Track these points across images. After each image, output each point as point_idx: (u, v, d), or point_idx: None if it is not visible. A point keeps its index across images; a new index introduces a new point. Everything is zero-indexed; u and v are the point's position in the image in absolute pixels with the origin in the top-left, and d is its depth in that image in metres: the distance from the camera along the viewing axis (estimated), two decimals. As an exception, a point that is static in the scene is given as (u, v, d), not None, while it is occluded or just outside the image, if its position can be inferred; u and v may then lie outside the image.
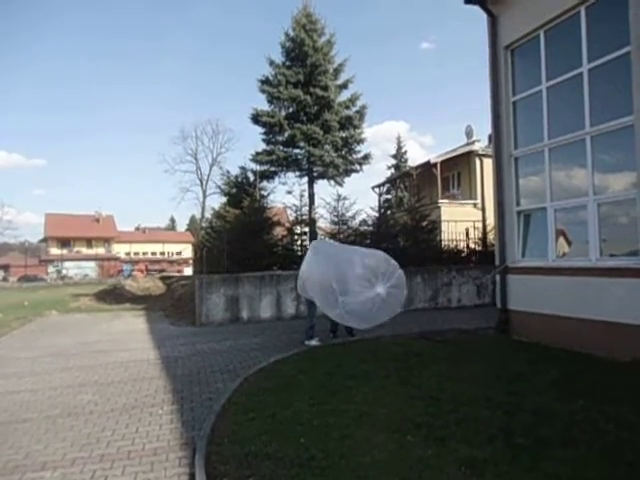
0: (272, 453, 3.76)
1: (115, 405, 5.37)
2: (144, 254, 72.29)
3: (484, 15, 9.21)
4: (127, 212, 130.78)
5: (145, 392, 5.84)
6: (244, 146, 66.63)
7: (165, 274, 40.77)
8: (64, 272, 58.06)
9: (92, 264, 61.17)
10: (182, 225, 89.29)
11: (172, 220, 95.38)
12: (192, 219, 74.06)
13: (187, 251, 61.09)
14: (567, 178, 8.25)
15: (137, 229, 79.96)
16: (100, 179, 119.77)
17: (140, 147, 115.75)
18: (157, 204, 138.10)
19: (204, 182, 53.33)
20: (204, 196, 52.73)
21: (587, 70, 7.36)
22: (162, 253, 73.74)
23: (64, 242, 64.73)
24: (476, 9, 9.22)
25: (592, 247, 7.32)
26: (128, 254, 70.30)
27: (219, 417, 4.62)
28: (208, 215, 23.32)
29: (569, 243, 8.27)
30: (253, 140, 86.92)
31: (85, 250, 66.50)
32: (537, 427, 4.08)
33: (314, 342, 8.48)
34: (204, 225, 27.93)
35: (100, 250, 67.23)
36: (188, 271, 46.73)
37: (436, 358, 6.99)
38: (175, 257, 70.41)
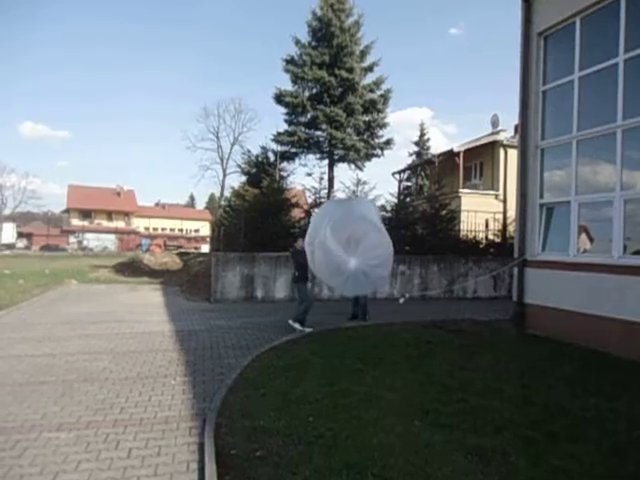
0: (280, 429, 3.82)
1: (130, 373, 5.50)
2: (163, 230, 73.16)
3: (518, 1, 8.93)
4: (148, 187, 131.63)
5: (159, 363, 5.96)
6: (265, 126, 66.64)
7: (182, 250, 41.21)
8: (85, 243, 59.17)
9: (112, 237, 62.18)
10: (201, 203, 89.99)
11: (191, 197, 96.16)
12: (211, 197, 74.54)
13: (205, 229, 61.55)
14: (594, 172, 8.04)
15: (157, 205, 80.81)
16: (122, 153, 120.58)
17: (164, 116, 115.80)
18: (178, 181, 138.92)
19: (224, 161, 53.49)
20: (224, 175, 52.95)
21: (623, 60, 7.10)
22: (180, 229, 74.48)
23: (85, 214, 65.87)
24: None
25: (615, 244, 7.15)
26: (147, 229, 71.23)
27: (230, 391, 4.70)
28: (227, 194, 23.45)
29: (591, 240, 8.10)
30: (274, 120, 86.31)
31: (105, 223, 67.55)
32: (547, 421, 4.05)
33: (301, 328, 8.01)
34: (223, 204, 28.10)
35: (120, 223, 68.21)
36: (205, 248, 47.09)
37: (448, 347, 6.98)
38: (193, 234, 71.11)
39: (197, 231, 70.56)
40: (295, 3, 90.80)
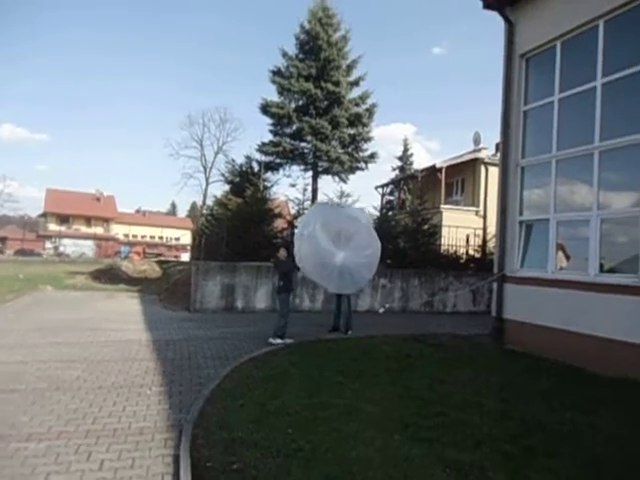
0: (258, 441, 3.75)
1: (104, 383, 5.35)
2: (142, 237, 72.14)
3: (500, 23, 9.16)
4: (128, 194, 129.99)
5: (135, 372, 5.83)
6: (250, 136, 66.29)
7: (162, 258, 40.72)
8: (61, 249, 57.91)
9: (90, 243, 61.01)
10: (183, 211, 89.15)
11: (173, 205, 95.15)
12: (193, 206, 73.93)
13: (186, 237, 61.01)
14: (572, 192, 8.23)
15: (137, 212, 79.74)
16: (102, 158, 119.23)
17: (148, 123, 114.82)
18: (159, 188, 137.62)
19: (208, 169, 53.15)
20: (207, 183, 52.60)
21: (601, 84, 7.32)
22: (161, 237, 73.56)
23: (63, 219, 64.55)
24: (493, 16, 9.18)
25: (592, 262, 7.30)
26: (127, 236, 70.16)
27: (208, 402, 4.61)
28: (210, 203, 23.21)
29: (567, 257, 8.25)
30: (259, 131, 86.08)
31: (84, 228, 66.27)
32: (524, 436, 4.08)
33: (281, 341, 7.83)
34: (205, 212, 27.85)
35: (99, 229, 67.01)
36: (186, 257, 46.65)
37: (428, 361, 6.99)
38: (174, 242, 70.31)
39: (178, 239, 69.79)
40: (283, 15, 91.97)
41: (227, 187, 18.38)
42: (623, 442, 4.00)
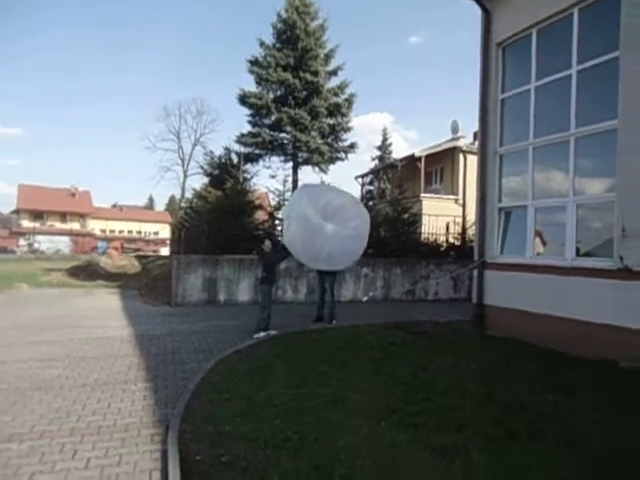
0: (246, 434, 3.75)
1: (86, 380, 5.27)
2: (120, 232, 70.83)
3: (478, 12, 9.21)
4: (105, 189, 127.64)
5: (118, 369, 5.75)
6: (228, 128, 65.17)
7: (141, 253, 40.16)
8: (36, 246, 56.56)
9: (66, 239, 59.72)
10: (161, 205, 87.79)
11: (151, 199, 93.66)
12: (171, 199, 72.83)
13: (165, 231, 60.21)
14: (548, 178, 8.37)
15: (114, 206, 78.19)
16: (78, 153, 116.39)
17: (123, 118, 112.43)
18: (136, 182, 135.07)
19: (185, 162, 52.39)
20: (185, 176, 51.86)
21: (576, 72, 7.44)
22: (139, 232, 72.37)
23: (37, 215, 62.91)
24: (470, 5, 9.21)
25: (568, 247, 7.47)
26: (104, 231, 68.82)
27: (193, 396, 4.59)
28: (189, 195, 22.86)
29: (544, 243, 8.42)
30: (237, 122, 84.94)
31: (59, 224, 64.78)
32: (507, 419, 4.16)
33: (264, 334, 7.74)
34: (184, 205, 27.46)
35: (75, 225, 65.59)
36: (165, 251, 46.07)
37: (411, 348, 7.08)
38: (152, 237, 69.34)
39: (157, 234, 68.90)
40: (259, 3, 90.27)
41: (206, 179, 18.18)
42: (602, 423, 4.12)
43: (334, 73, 17.24)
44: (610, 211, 6.87)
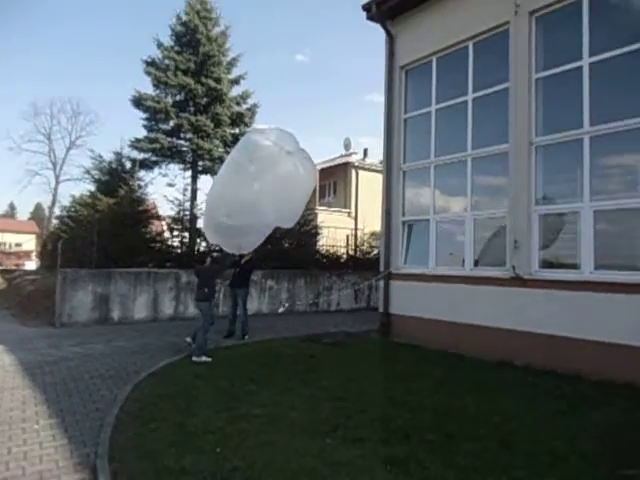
0: (188, 467, 3.42)
1: (-31, 423, 4.39)
2: (-27, 243, 61.53)
3: (383, 35, 9.73)
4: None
5: (9, 405, 4.88)
6: (116, 131, 60.09)
7: (2, 267, 35.18)
8: None
9: None
10: (24, 213, 77.99)
11: (12, 207, 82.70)
12: (38, 206, 65.35)
13: (30, 243, 53.70)
14: (449, 194, 9.08)
15: (-35, 213, 67.74)
16: None
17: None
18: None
19: (58, 166, 47.33)
20: (57, 182, 46.87)
21: (471, 99, 8.22)
22: (-2, 243, 63.55)
23: None
24: (376, 26, 9.70)
25: (467, 257, 8.15)
26: (-49, 242, 59.20)
27: (115, 429, 4.06)
28: (66, 203, 20.52)
29: (450, 254, 9.07)
30: (126, 125, 77.88)
31: None
32: (442, 423, 4.36)
33: (206, 358, 6.94)
34: (59, 213, 24.62)
35: None
36: (30, 265, 40.91)
37: (329, 360, 7.13)
38: (14, 249, 61.24)
39: (19, 245, 61.06)
40: (153, 3, 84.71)
41: (91, 186, 16.58)
42: (522, 419, 4.51)
43: (236, 82, 16.89)
44: (504, 225, 7.66)
